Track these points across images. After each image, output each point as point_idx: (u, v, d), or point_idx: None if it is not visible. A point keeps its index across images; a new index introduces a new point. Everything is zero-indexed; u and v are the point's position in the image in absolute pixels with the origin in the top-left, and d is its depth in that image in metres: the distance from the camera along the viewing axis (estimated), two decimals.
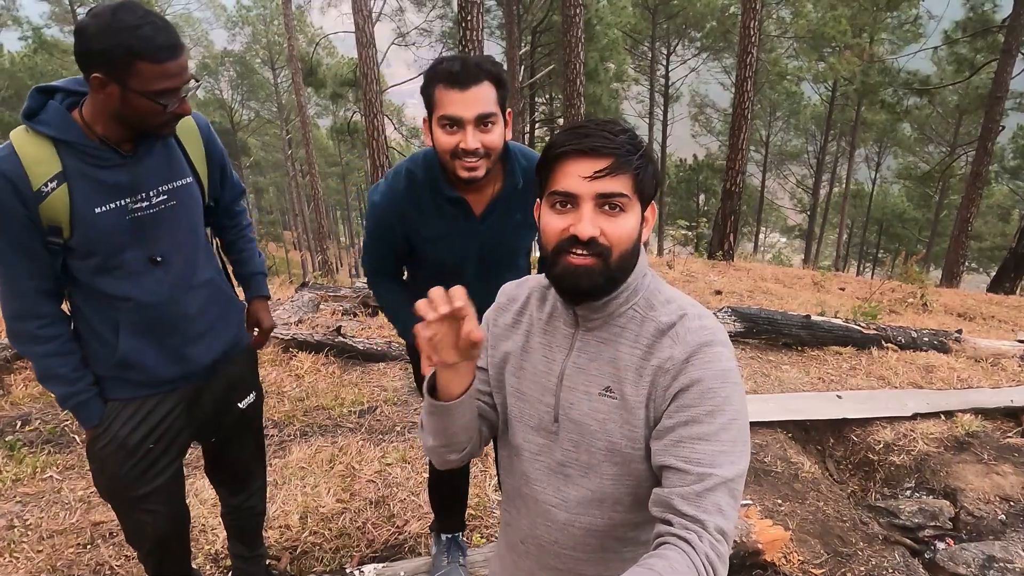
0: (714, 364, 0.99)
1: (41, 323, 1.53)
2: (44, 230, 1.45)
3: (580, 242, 1.00)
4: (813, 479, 3.35)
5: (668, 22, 27.39)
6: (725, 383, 0.99)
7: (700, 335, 1.02)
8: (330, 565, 2.62)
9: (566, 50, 11.46)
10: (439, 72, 1.55)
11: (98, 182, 1.46)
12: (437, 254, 1.84)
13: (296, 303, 5.61)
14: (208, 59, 34.61)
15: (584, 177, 0.99)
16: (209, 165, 1.71)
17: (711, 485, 0.93)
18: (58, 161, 1.42)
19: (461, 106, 1.53)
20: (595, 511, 1.10)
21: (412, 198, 1.75)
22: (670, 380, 1.01)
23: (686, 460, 0.95)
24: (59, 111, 1.44)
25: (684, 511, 0.92)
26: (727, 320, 4.85)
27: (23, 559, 2.55)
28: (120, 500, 1.73)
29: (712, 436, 0.96)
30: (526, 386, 1.16)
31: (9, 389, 3.89)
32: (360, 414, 3.88)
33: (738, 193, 12.58)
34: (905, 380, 4.38)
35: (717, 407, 0.97)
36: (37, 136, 1.42)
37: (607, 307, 1.08)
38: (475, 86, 1.53)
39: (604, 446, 1.07)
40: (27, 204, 1.41)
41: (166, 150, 1.57)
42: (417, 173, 1.74)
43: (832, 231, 35.95)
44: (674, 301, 1.08)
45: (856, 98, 26.22)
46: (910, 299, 8.91)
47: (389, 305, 2.03)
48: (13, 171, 1.39)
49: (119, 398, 1.65)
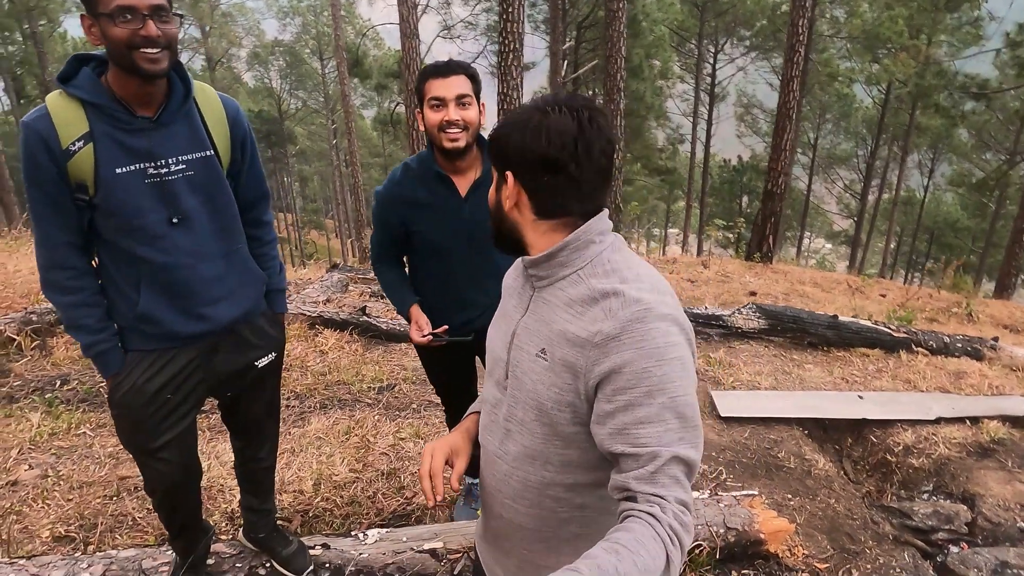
0: (646, 342, 0.96)
1: (70, 274, 1.65)
2: (72, 187, 1.56)
3: None
4: (826, 476, 3.32)
5: (717, 19, 26.90)
6: (662, 361, 0.96)
7: (633, 310, 0.98)
8: (339, 530, 2.71)
9: (608, 44, 11.41)
10: (426, 70, 2.02)
11: (120, 144, 1.56)
12: (431, 233, 2.15)
13: (325, 283, 5.75)
14: (259, 48, 35.41)
15: None
16: (232, 144, 1.78)
17: (663, 462, 0.94)
18: (86, 122, 1.53)
19: (443, 88, 1.97)
20: (528, 467, 1.14)
21: (407, 182, 2.14)
22: (599, 355, 0.99)
23: (633, 445, 0.95)
24: (90, 76, 1.55)
25: (642, 490, 0.94)
26: (751, 316, 4.80)
27: (54, 506, 2.71)
28: (138, 448, 1.83)
29: (655, 418, 0.95)
30: (494, 343, 1.23)
31: (51, 351, 4.10)
32: (379, 390, 3.97)
33: (780, 194, 12.35)
34: (932, 384, 4.27)
35: (655, 387, 0.95)
36: (69, 99, 1.53)
37: (549, 264, 1.10)
38: (454, 75, 1.98)
39: (533, 405, 1.10)
40: (56, 161, 1.52)
41: (188, 123, 1.66)
42: (412, 164, 2.15)
43: (880, 238, 34.88)
44: (618, 272, 1.06)
45: (910, 101, 25.33)
46: (955, 308, 8.63)
47: (389, 285, 2.35)
48: (45, 130, 1.51)
49: (139, 349, 1.75)
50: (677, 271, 9.98)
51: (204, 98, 1.72)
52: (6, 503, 2.71)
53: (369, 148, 37.85)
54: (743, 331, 4.84)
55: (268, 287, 1.97)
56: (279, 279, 2.03)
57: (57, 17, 26.78)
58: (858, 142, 32.11)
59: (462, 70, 2.01)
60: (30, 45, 25.54)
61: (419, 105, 2.05)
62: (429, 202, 2.12)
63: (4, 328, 4.03)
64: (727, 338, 4.90)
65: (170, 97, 1.63)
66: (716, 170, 32.16)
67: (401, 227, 2.18)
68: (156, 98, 1.60)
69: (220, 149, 1.74)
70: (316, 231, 42.46)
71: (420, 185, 2.12)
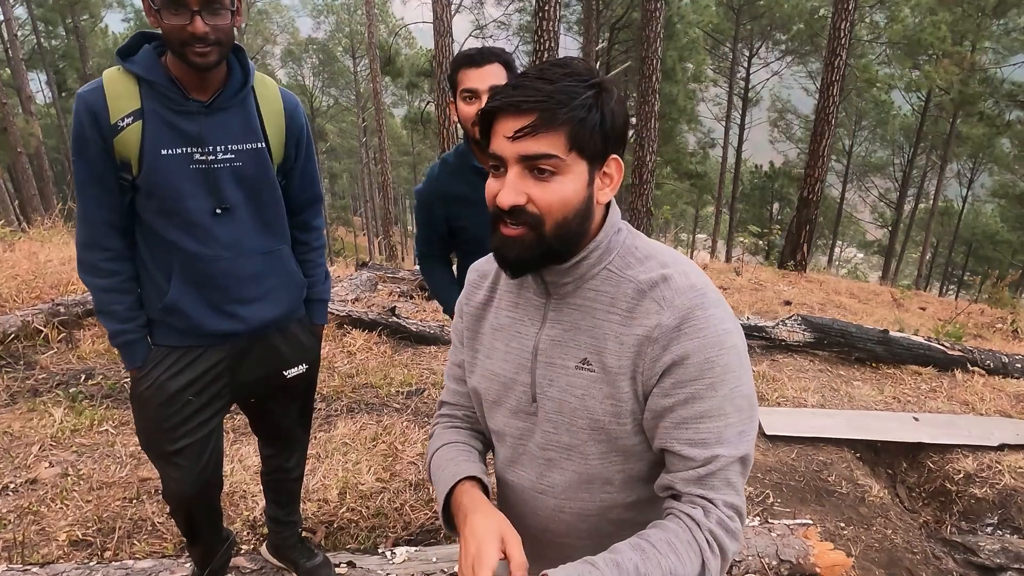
0: (708, 330, 0.88)
1: (106, 256, 1.58)
2: (117, 164, 1.51)
3: (504, 212, 0.89)
4: (881, 504, 3.10)
5: (752, 23, 26.49)
6: (722, 349, 0.89)
7: (689, 297, 0.90)
8: (364, 543, 2.58)
9: (644, 46, 11.19)
10: (459, 58, 1.90)
11: (169, 125, 1.50)
12: (474, 229, 2.03)
13: (354, 281, 5.65)
14: (293, 46, 35.79)
15: (507, 137, 0.87)
16: (287, 139, 1.69)
17: (719, 465, 0.88)
18: (138, 99, 1.48)
19: (477, 79, 1.85)
20: (584, 495, 1.01)
21: (445, 177, 2.05)
22: (659, 351, 0.90)
23: (690, 442, 0.89)
24: (150, 53, 1.51)
25: (689, 491, 0.89)
26: (795, 329, 4.58)
27: (72, 507, 2.61)
28: (154, 450, 1.73)
29: (716, 411, 0.89)
30: (500, 366, 1.06)
31: (77, 344, 4.05)
32: (407, 395, 3.84)
33: (815, 202, 12.05)
34: (992, 407, 4.02)
35: (718, 378, 0.88)
36: (126, 74, 1.49)
37: (577, 269, 0.96)
38: (488, 65, 1.86)
39: (586, 424, 0.96)
40: (104, 135, 1.47)
41: (242, 112, 1.58)
42: (449, 159, 2.07)
43: (914, 249, 34.06)
44: (653, 256, 0.97)
45: (952, 109, 24.64)
46: (999, 324, 8.28)
47: (435, 284, 2.24)
48: (97, 102, 1.46)
49: (163, 344, 1.66)
50: (709, 277, 9.75)
51: (263, 89, 1.64)
52: (24, 502, 2.63)
53: (398, 146, 38.03)
54: (787, 344, 4.62)
55: (310, 296, 1.86)
56: (322, 288, 1.90)
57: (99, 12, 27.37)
58: (895, 150, 31.38)
59: (496, 57, 1.89)
60: (72, 39, 26.10)
61: (452, 95, 1.96)
62: (469, 197, 2.01)
63: (32, 319, 3.99)
64: (769, 351, 4.68)
65: (227, 84, 1.55)
66: (747, 175, 31.67)
67: (444, 224, 2.09)
68: (212, 84, 1.53)
69: (273, 143, 1.65)
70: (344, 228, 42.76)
71: (459, 180, 2.03)
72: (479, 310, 1.11)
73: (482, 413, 1.14)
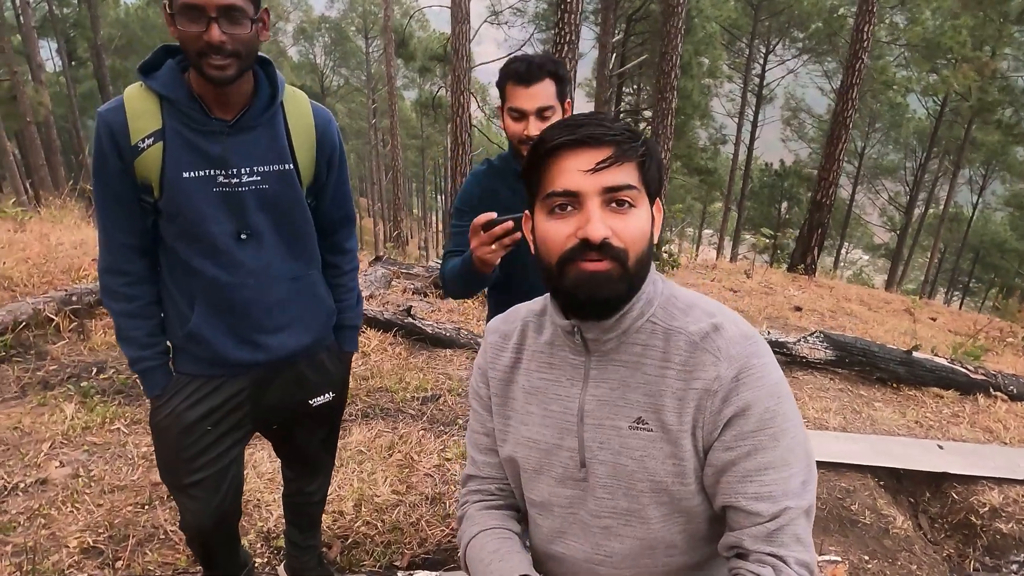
0: (766, 379, 0.88)
1: (126, 280, 1.51)
2: (138, 186, 1.43)
3: (592, 246, 0.84)
4: (906, 537, 3.04)
5: (770, 19, 26.18)
6: (781, 398, 0.88)
7: (744, 346, 0.89)
8: (380, 560, 2.52)
9: (664, 40, 11.01)
10: (509, 71, 1.83)
11: (192, 146, 1.41)
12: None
13: (369, 278, 5.56)
14: (306, 23, 35.47)
15: (585, 171, 0.84)
16: (318, 158, 1.58)
17: (788, 520, 0.85)
18: (160, 119, 1.40)
19: (525, 100, 1.80)
20: (647, 561, 0.95)
21: (490, 178, 2.04)
22: (720, 404, 0.88)
23: (756, 496, 0.86)
24: (172, 70, 1.42)
25: (758, 548, 0.85)
26: (817, 346, 4.50)
27: (83, 511, 2.56)
28: (172, 481, 1.66)
29: (780, 462, 0.87)
30: (539, 432, 1.00)
31: (89, 335, 3.98)
32: (423, 401, 3.78)
33: (828, 205, 11.92)
34: (1016, 436, 3.94)
35: (779, 428, 0.87)
36: (147, 92, 1.41)
37: (621, 323, 0.91)
38: (537, 83, 1.79)
39: (647, 487, 0.91)
40: (123, 157, 1.40)
41: (270, 131, 1.48)
42: (495, 161, 2.06)
43: (921, 254, 33.91)
44: (696, 305, 0.95)
45: (968, 115, 24.39)
46: (1009, 338, 8.19)
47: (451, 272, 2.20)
48: (117, 122, 1.39)
49: (184, 372, 1.59)
50: (719, 279, 9.66)
51: (293, 106, 1.53)
52: (35, 503, 2.57)
53: (407, 129, 37.78)
54: (808, 360, 4.54)
55: (340, 322, 1.76)
56: (353, 314, 1.81)
57: None
58: (907, 154, 31.14)
59: (546, 73, 1.81)
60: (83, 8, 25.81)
61: (501, 100, 1.91)
62: (511, 199, 1.98)
63: (43, 307, 3.91)
64: (789, 367, 4.60)
65: (254, 101, 1.44)
66: (757, 173, 31.45)
67: None
68: (236, 101, 1.42)
69: (302, 164, 1.54)
70: None
71: (502, 183, 2.02)
72: (506, 373, 1.05)
73: (518, 484, 1.06)
